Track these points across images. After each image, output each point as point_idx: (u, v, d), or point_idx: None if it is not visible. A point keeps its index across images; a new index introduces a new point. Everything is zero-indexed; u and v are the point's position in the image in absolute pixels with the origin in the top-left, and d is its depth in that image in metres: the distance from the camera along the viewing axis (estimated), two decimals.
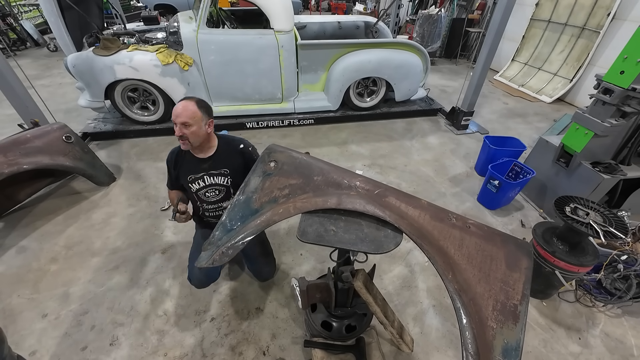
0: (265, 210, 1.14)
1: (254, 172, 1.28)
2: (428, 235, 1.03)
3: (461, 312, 0.88)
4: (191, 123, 1.45)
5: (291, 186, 1.20)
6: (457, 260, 0.98)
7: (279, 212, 1.09)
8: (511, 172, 2.79)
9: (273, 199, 1.17)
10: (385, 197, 1.13)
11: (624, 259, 1.97)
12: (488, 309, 0.90)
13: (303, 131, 3.97)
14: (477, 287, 0.94)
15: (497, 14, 3.23)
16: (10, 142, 2.37)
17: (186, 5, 8.01)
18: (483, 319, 0.88)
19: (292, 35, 3.48)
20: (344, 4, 10.59)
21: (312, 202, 1.10)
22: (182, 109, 1.43)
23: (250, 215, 1.15)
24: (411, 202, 1.14)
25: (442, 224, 1.07)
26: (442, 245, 1.01)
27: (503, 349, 0.84)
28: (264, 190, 1.21)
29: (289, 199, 1.15)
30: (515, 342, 0.85)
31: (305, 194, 1.16)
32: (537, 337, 1.83)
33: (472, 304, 0.90)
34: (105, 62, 3.13)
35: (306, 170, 1.24)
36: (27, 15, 7.43)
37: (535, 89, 5.36)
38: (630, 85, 2.02)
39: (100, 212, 2.61)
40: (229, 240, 1.06)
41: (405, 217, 1.07)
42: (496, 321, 0.88)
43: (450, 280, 0.93)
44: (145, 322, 1.83)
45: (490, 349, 0.84)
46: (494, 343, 0.85)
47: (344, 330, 1.61)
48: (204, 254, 1.12)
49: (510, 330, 0.87)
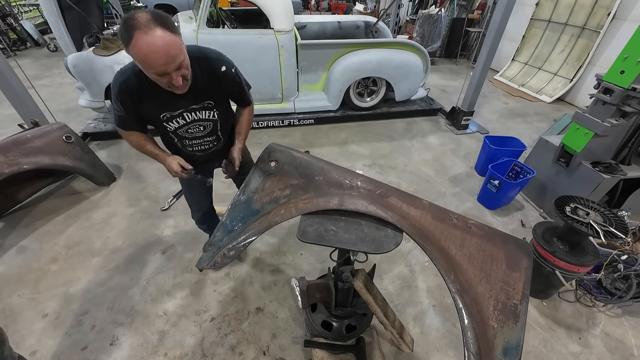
0: (266, 211, 1.13)
1: (255, 171, 1.27)
2: (430, 235, 1.03)
3: (463, 312, 0.88)
4: (183, 59, 1.06)
5: (292, 186, 1.19)
6: (458, 261, 0.99)
7: (280, 213, 1.08)
8: (511, 172, 2.79)
9: (274, 199, 1.16)
10: (387, 198, 1.13)
11: (624, 258, 1.97)
12: (489, 309, 0.91)
13: (303, 131, 3.97)
14: (479, 287, 0.94)
15: (497, 14, 3.23)
16: (10, 142, 2.37)
17: (186, 5, 8.01)
18: (484, 318, 0.89)
19: (292, 35, 3.48)
20: (344, 4, 10.58)
21: (314, 203, 1.10)
22: (163, 47, 0.97)
23: (251, 215, 1.14)
24: (413, 202, 1.13)
25: (444, 224, 1.07)
26: (443, 246, 1.01)
27: (504, 348, 0.85)
28: (264, 190, 1.20)
29: (290, 199, 1.15)
30: (516, 341, 0.86)
31: (306, 194, 1.15)
32: (537, 336, 1.83)
33: (473, 304, 0.90)
34: (105, 62, 3.13)
35: (307, 170, 1.24)
36: (27, 15, 7.43)
37: (536, 89, 5.36)
38: (631, 85, 2.02)
39: (100, 212, 2.61)
40: (230, 242, 1.06)
41: (407, 218, 1.07)
42: (497, 321, 0.89)
43: (452, 280, 0.93)
44: (145, 322, 1.83)
45: (492, 348, 0.84)
46: (495, 342, 0.86)
47: (344, 330, 1.61)
48: (204, 255, 1.11)
49: (510, 330, 0.88)
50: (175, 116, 1.30)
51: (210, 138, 1.48)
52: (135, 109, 1.24)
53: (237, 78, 1.37)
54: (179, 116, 1.31)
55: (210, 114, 1.37)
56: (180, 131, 1.38)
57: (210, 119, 1.40)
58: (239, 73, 1.39)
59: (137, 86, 1.18)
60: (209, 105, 1.34)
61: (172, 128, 1.35)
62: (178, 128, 1.36)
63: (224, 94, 1.39)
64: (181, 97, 1.22)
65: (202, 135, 1.45)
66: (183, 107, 1.28)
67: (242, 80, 1.41)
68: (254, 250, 2.30)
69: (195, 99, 1.28)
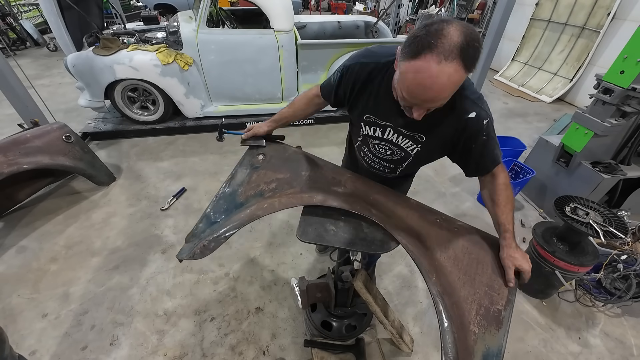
0: (250, 204, 1.11)
1: (241, 164, 1.25)
2: (414, 235, 1.02)
3: (443, 315, 0.86)
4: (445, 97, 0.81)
5: (278, 180, 1.18)
6: (442, 263, 0.96)
7: (263, 207, 1.07)
8: (511, 171, 2.79)
9: (259, 193, 1.15)
10: (372, 195, 1.12)
11: (624, 258, 1.97)
12: (471, 314, 0.88)
13: (303, 131, 3.97)
14: (462, 290, 0.91)
15: (497, 14, 3.22)
16: (10, 141, 2.37)
17: (186, 5, 8.00)
18: (465, 323, 0.86)
19: (292, 35, 3.48)
20: (344, 4, 10.57)
21: (298, 198, 1.08)
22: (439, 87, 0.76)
23: (235, 208, 1.12)
24: (399, 201, 1.12)
25: (430, 224, 1.06)
26: (428, 247, 0.99)
27: (484, 355, 0.82)
28: (250, 183, 1.18)
29: (275, 193, 1.13)
30: (497, 348, 0.83)
31: (291, 188, 1.14)
32: (537, 336, 1.83)
33: (455, 307, 0.88)
34: (105, 61, 3.12)
35: (294, 165, 1.22)
36: (27, 15, 7.42)
37: (535, 89, 5.36)
38: (630, 85, 2.02)
39: (100, 212, 2.61)
40: (212, 234, 1.03)
41: (392, 217, 1.05)
42: (479, 326, 0.86)
43: (433, 282, 0.91)
44: (145, 322, 1.83)
45: (471, 354, 0.81)
46: (475, 348, 0.83)
47: (344, 330, 1.61)
48: (186, 246, 1.08)
49: (492, 336, 0.85)
50: (378, 126, 1.10)
51: (388, 165, 1.24)
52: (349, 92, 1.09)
53: (484, 134, 0.97)
54: (380, 127, 1.10)
55: (412, 147, 1.09)
56: (370, 140, 1.18)
57: (406, 150, 1.12)
58: (491, 131, 0.98)
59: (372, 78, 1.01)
60: (418, 139, 1.06)
61: (366, 132, 1.16)
62: (370, 137, 1.16)
63: (447, 141, 1.03)
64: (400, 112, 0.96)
65: (383, 157, 1.22)
66: (392, 123, 1.06)
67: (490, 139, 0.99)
68: (254, 250, 2.30)
69: (412, 125, 1.01)
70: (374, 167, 1.29)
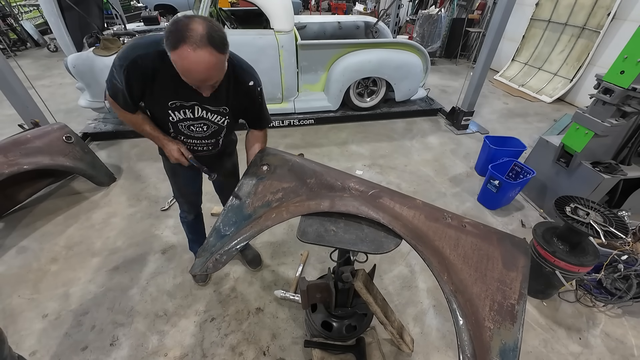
0: (258, 215, 1.13)
1: (247, 176, 1.28)
2: (423, 235, 1.02)
3: (457, 313, 0.86)
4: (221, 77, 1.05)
5: (284, 189, 1.19)
6: (452, 261, 0.97)
7: (272, 217, 1.08)
8: (511, 172, 2.79)
9: (266, 203, 1.16)
10: (379, 198, 1.12)
11: (625, 258, 1.97)
12: (485, 310, 0.88)
13: (303, 131, 3.97)
14: (474, 287, 0.92)
15: (497, 14, 3.23)
16: (10, 142, 2.37)
17: (186, 5, 8.01)
18: (480, 319, 0.87)
19: (292, 35, 3.48)
20: (344, 4, 10.58)
21: (305, 206, 1.09)
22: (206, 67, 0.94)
23: (244, 220, 1.14)
24: (406, 202, 1.12)
25: (437, 223, 1.06)
26: (437, 246, 1.00)
27: (500, 350, 0.83)
28: (257, 194, 1.20)
29: (282, 202, 1.15)
30: (513, 343, 0.84)
31: (298, 197, 1.15)
32: (537, 337, 1.83)
33: (468, 305, 0.88)
34: (105, 62, 3.13)
35: (299, 173, 1.23)
36: (27, 15, 7.44)
37: (536, 89, 5.36)
38: (631, 85, 2.02)
39: (100, 212, 2.61)
40: (222, 247, 1.06)
41: (400, 218, 1.06)
42: (493, 322, 0.87)
43: (445, 281, 0.91)
44: (145, 322, 1.83)
45: (488, 350, 0.82)
46: (492, 344, 0.83)
47: (344, 331, 1.61)
48: (197, 261, 1.11)
49: (507, 331, 0.85)
50: (186, 107, 1.21)
51: (209, 141, 1.41)
52: (141, 87, 1.14)
53: (260, 98, 1.32)
54: (189, 108, 1.22)
55: (221, 119, 1.32)
56: (182, 125, 1.29)
57: (218, 124, 1.33)
58: (263, 95, 1.34)
59: (155, 66, 1.08)
60: (223, 111, 1.28)
61: (176, 119, 1.25)
62: (182, 120, 1.26)
63: (241, 108, 1.32)
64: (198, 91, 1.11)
65: (201, 136, 1.37)
66: (197, 101, 1.20)
67: (263, 102, 1.36)
68: None
69: (214, 100, 1.20)
70: (198, 149, 1.43)
